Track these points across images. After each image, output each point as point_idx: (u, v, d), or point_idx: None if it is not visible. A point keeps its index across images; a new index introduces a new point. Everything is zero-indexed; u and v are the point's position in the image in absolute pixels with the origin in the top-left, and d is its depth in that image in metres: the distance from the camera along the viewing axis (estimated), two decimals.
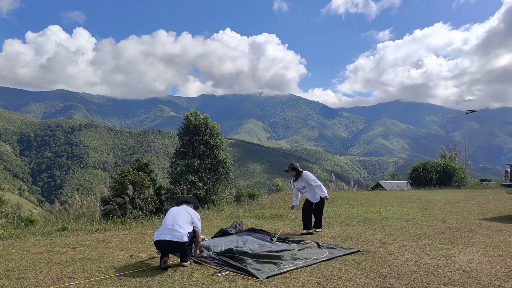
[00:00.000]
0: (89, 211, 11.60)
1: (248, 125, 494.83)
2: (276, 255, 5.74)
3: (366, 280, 4.81)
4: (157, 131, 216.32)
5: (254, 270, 5.10)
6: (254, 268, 5.18)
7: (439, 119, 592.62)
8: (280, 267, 5.27)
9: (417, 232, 8.01)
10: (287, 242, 6.85)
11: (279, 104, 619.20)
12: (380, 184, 34.93)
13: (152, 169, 28.88)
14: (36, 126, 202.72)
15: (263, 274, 4.95)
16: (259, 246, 6.57)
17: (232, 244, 6.68)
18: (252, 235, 7.42)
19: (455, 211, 11.34)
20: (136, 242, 7.53)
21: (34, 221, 12.80)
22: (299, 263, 5.48)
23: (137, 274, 5.20)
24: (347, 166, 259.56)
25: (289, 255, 5.82)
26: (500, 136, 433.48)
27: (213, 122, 30.73)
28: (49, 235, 8.50)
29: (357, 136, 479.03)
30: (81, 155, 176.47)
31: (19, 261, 6.00)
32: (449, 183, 24.29)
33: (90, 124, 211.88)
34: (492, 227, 8.51)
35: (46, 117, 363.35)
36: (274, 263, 5.44)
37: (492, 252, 6.25)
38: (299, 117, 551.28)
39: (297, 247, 6.38)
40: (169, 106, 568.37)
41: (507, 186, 10.74)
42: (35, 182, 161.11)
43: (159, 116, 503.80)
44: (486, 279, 4.85)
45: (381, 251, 6.31)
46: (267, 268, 5.25)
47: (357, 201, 14.54)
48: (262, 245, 6.62)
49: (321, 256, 5.88)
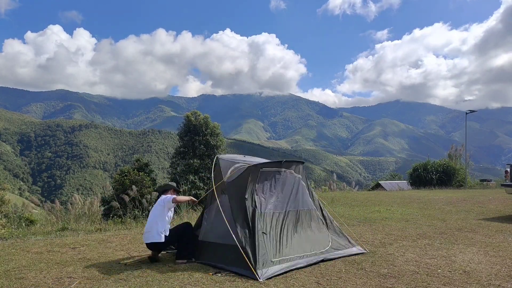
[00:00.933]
0: (90, 211, 11.60)
1: (248, 125, 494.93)
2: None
3: (366, 280, 4.81)
4: (157, 131, 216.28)
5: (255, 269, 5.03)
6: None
7: (439, 119, 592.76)
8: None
9: (417, 232, 8.01)
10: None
11: (279, 104, 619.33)
12: (380, 184, 34.95)
13: (152, 169, 28.89)
14: (36, 126, 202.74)
15: (264, 274, 4.91)
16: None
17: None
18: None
19: (455, 211, 11.33)
20: (136, 242, 7.53)
21: (34, 221, 12.78)
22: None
23: (137, 274, 5.20)
24: (347, 166, 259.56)
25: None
26: (500, 136, 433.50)
27: (213, 122, 30.75)
28: (49, 235, 8.50)
29: (357, 136, 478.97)
30: (81, 155, 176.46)
31: (19, 261, 6.00)
32: (449, 183, 24.28)
33: (90, 124, 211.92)
34: (492, 227, 8.51)
35: (46, 117, 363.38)
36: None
37: (492, 252, 6.25)
38: (299, 117, 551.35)
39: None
40: (169, 106, 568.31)
41: (507, 186, 10.74)
42: (35, 182, 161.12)
43: (159, 116, 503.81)
44: (486, 279, 4.85)
45: (381, 251, 6.31)
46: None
47: (357, 201, 14.53)
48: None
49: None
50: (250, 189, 5.79)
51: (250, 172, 5.92)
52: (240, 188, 5.86)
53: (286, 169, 6.31)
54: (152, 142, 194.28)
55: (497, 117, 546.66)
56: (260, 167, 6.04)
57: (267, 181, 6.03)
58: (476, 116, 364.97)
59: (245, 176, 5.90)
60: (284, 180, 6.24)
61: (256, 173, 5.97)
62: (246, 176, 5.89)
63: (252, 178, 5.88)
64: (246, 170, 5.97)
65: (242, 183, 5.88)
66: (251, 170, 5.94)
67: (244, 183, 5.83)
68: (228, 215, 5.68)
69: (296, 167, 6.53)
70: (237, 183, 5.96)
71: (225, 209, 5.80)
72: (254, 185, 5.85)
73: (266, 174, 6.07)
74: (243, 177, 5.93)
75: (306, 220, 6.22)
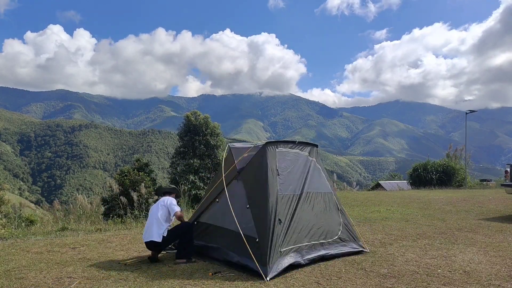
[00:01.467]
0: (91, 211, 11.60)
1: (248, 125, 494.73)
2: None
3: (366, 280, 4.81)
4: (157, 131, 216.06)
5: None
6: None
7: (439, 119, 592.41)
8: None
9: (417, 232, 8.01)
10: None
11: (279, 104, 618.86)
12: (380, 184, 34.93)
13: (152, 169, 28.89)
14: (36, 126, 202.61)
15: (272, 270, 4.86)
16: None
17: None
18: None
19: (455, 211, 11.33)
20: (136, 242, 7.53)
21: (34, 221, 12.77)
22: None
23: (137, 274, 5.20)
24: (347, 166, 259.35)
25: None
26: (500, 136, 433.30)
27: (213, 122, 30.74)
28: (49, 235, 8.49)
29: (357, 136, 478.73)
30: (81, 155, 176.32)
31: (19, 261, 6.00)
32: (449, 183, 24.28)
33: (90, 124, 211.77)
34: (492, 227, 8.51)
35: (46, 117, 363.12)
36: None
37: (492, 252, 6.25)
38: (299, 117, 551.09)
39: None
40: (169, 106, 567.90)
41: (507, 186, 10.74)
42: (35, 182, 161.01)
43: (159, 116, 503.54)
44: (486, 279, 4.85)
45: (381, 251, 6.31)
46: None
47: (357, 201, 14.53)
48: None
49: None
50: (270, 168, 5.49)
51: (267, 150, 5.66)
52: (258, 170, 5.57)
53: (300, 150, 6.18)
54: (152, 142, 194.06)
55: (497, 117, 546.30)
56: (277, 145, 5.82)
57: (286, 161, 5.82)
58: (476, 116, 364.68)
59: (262, 154, 5.62)
60: (299, 160, 6.06)
61: (274, 151, 5.72)
62: (263, 153, 5.61)
63: (271, 156, 5.61)
64: (262, 148, 5.71)
65: (260, 162, 5.58)
66: (268, 148, 5.69)
67: (263, 162, 5.54)
68: (243, 203, 5.50)
69: (311, 149, 6.42)
70: (253, 164, 5.65)
71: (238, 196, 5.62)
72: (275, 164, 5.59)
73: (282, 153, 5.86)
74: (261, 155, 5.63)
75: (321, 203, 6.07)
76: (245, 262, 5.15)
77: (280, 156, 5.79)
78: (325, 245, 5.71)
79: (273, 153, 5.72)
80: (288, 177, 5.75)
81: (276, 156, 5.73)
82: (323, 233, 5.78)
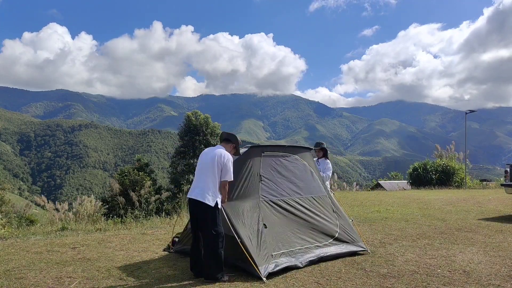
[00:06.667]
0: (92, 210, 11.62)
1: (248, 125, 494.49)
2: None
3: (366, 280, 4.81)
4: (157, 131, 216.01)
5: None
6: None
7: (438, 119, 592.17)
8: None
9: (417, 232, 8.01)
10: None
11: (279, 104, 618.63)
12: (380, 184, 34.91)
13: (153, 169, 28.91)
14: (36, 126, 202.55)
15: (266, 271, 4.82)
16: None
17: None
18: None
19: (455, 211, 11.33)
20: (136, 242, 7.53)
21: (34, 221, 12.80)
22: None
23: (137, 274, 5.20)
24: (347, 166, 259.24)
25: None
26: (500, 136, 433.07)
27: (213, 122, 30.76)
28: (49, 235, 8.49)
29: (357, 136, 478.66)
30: (81, 155, 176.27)
31: (19, 261, 6.00)
32: (449, 183, 24.28)
33: (90, 124, 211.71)
34: (492, 227, 8.51)
35: (46, 117, 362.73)
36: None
37: (492, 252, 6.25)
38: (299, 117, 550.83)
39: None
40: (169, 106, 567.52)
41: (507, 186, 10.74)
42: (35, 182, 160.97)
43: (159, 116, 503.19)
44: (486, 279, 4.85)
45: (381, 251, 6.31)
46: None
47: (357, 201, 14.53)
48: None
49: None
50: (253, 173, 5.45)
51: (251, 155, 5.58)
52: (240, 174, 5.45)
53: (291, 154, 6.12)
54: (152, 142, 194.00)
55: (497, 117, 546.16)
56: (262, 150, 5.75)
57: (271, 166, 5.76)
58: (475, 116, 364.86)
59: (245, 159, 5.54)
60: (290, 165, 6.02)
61: (258, 156, 5.64)
62: (246, 158, 5.54)
63: (255, 161, 5.54)
64: (246, 153, 5.62)
65: (241, 166, 5.48)
66: (251, 153, 5.62)
67: (245, 167, 5.45)
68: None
69: (302, 153, 6.36)
70: (236, 168, 5.40)
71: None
72: (258, 169, 5.54)
73: (269, 158, 5.79)
74: (243, 160, 5.54)
75: (314, 206, 6.02)
76: (240, 265, 5.11)
77: (265, 161, 5.75)
78: (321, 247, 5.68)
79: (257, 158, 5.68)
80: (273, 182, 5.72)
81: (260, 161, 5.69)
82: (318, 236, 5.76)
